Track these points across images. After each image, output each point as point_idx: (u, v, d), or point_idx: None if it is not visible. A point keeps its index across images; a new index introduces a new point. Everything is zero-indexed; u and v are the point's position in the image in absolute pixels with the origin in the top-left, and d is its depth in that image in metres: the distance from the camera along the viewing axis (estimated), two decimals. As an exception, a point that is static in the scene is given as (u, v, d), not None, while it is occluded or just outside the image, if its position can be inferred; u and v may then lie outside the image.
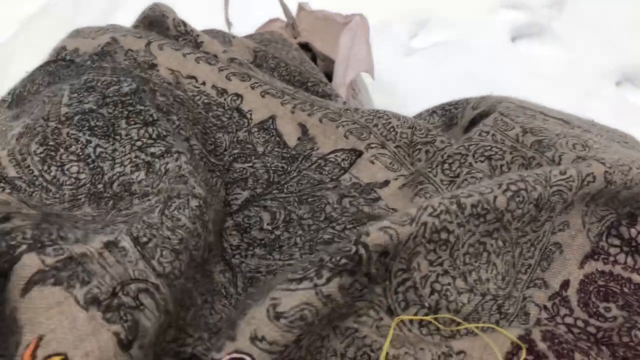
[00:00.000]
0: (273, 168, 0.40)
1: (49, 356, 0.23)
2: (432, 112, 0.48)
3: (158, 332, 0.26)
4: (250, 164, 0.40)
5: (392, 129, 0.41)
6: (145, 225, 0.29)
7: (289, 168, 0.40)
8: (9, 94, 0.46)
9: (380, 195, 0.38)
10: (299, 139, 0.41)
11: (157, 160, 0.35)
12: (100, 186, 0.35)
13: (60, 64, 0.46)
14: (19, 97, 0.44)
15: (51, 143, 0.36)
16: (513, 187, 0.29)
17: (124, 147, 0.37)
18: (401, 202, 0.37)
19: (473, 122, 0.42)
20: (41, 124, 0.37)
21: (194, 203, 0.32)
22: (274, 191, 0.39)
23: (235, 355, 0.23)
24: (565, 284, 0.30)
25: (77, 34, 0.49)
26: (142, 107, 0.38)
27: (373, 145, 0.40)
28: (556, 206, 0.30)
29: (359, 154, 0.40)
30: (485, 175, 0.35)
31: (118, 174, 0.35)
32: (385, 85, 0.89)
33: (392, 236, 0.27)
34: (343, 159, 0.40)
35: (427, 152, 0.40)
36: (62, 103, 0.39)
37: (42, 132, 0.36)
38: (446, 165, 0.37)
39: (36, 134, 0.36)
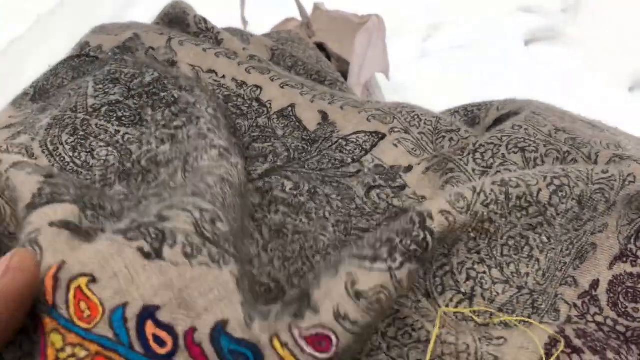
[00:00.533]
0: (293, 147, 0.39)
1: (75, 277, 0.22)
2: (454, 112, 0.47)
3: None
4: (270, 144, 0.40)
5: (416, 117, 0.41)
6: (170, 189, 0.29)
7: (309, 148, 0.39)
8: (31, 87, 0.46)
9: (405, 182, 0.37)
10: (319, 124, 0.41)
11: (179, 130, 0.35)
12: (128, 165, 0.35)
13: (84, 60, 0.46)
14: (42, 91, 0.45)
15: (81, 133, 0.37)
16: (557, 182, 0.29)
17: (150, 129, 0.37)
18: (429, 189, 0.36)
19: (497, 121, 0.42)
20: (69, 115, 0.37)
21: (213, 152, 0.32)
22: (295, 165, 0.38)
23: (321, 330, 0.22)
24: (595, 284, 0.30)
25: (100, 30, 0.49)
26: (164, 93, 0.39)
27: (396, 130, 0.40)
28: (598, 205, 0.30)
29: (382, 136, 0.39)
30: (519, 167, 0.34)
31: (146, 152, 0.36)
32: (399, 87, 0.90)
33: (450, 223, 0.26)
34: (365, 141, 0.39)
35: (451, 139, 0.39)
36: (88, 95, 0.39)
37: (71, 124, 0.37)
38: (478, 155, 0.36)
39: (66, 126, 0.37)
